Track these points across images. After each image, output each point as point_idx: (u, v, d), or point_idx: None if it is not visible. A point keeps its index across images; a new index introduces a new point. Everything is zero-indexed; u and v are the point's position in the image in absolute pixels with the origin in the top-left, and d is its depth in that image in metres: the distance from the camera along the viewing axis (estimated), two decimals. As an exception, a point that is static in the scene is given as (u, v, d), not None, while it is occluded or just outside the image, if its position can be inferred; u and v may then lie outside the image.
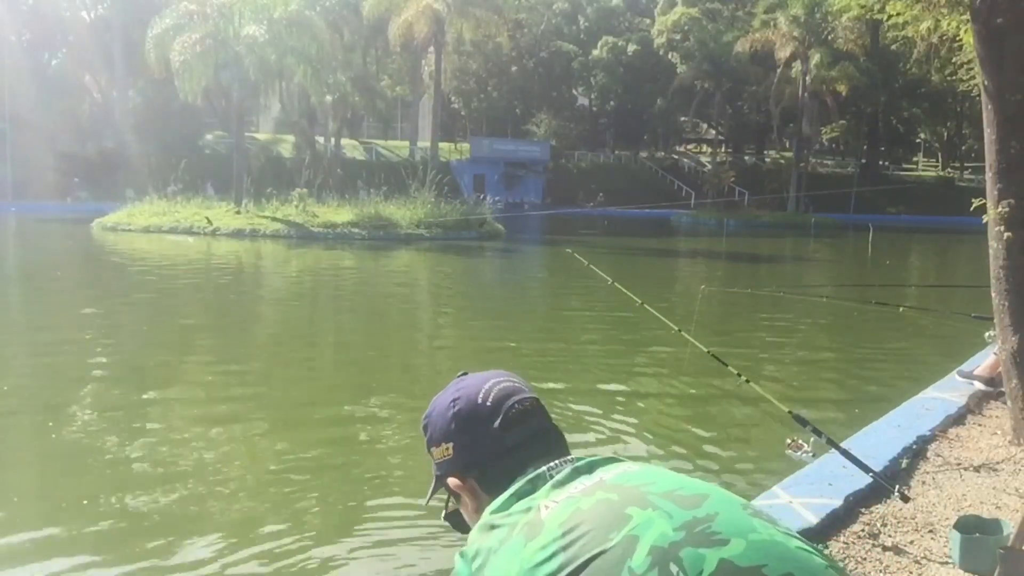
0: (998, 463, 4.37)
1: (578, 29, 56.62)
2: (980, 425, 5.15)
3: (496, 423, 1.15)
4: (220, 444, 5.92)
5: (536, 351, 9.72)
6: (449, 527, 1.26)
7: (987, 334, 5.89)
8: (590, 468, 1.07)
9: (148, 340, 10.02)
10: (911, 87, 48.71)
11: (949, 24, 5.13)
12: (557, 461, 1.10)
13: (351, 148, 48.11)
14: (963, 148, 58.40)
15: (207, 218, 26.37)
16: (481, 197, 35.89)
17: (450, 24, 39.04)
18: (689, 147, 63.86)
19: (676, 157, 58.37)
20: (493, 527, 1.02)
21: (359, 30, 42.03)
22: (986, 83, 4.41)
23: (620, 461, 1.10)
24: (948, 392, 5.74)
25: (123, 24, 41.13)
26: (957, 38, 5.39)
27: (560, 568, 0.91)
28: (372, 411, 6.95)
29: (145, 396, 7.25)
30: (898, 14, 5.18)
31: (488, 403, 1.17)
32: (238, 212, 27.49)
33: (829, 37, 41.91)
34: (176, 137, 39.09)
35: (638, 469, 1.06)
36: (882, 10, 5.32)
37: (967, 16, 4.59)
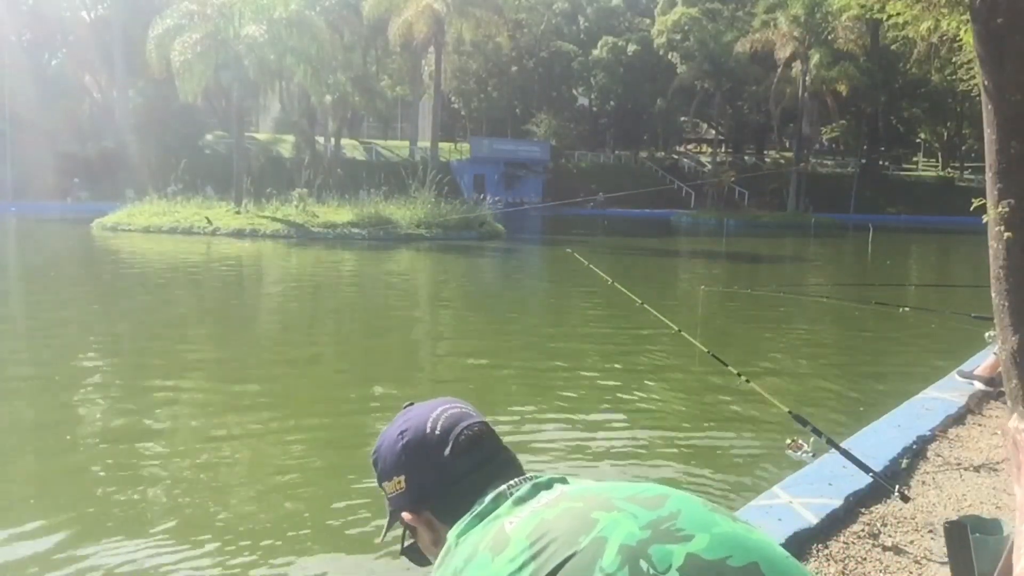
0: (998, 463, 4.37)
1: (578, 29, 56.63)
2: (980, 425, 5.15)
3: (446, 451, 1.13)
4: (219, 446, 5.91)
5: (536, 351, 9.71)
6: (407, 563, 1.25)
7: (987, 334, 5.89)
8: (549, 484, 1.07)
9: (148, 340, 10.02)
10: (911, 87, 48.71)
11: (949, 24, 5.12)
12: (516, 480, 1.09)
13: (351, 148, 48.11)
14: (963, 148, 58.39)
15: (207, 218, 26.37)
16: (481, 197, 35.90)
17: (450, 24, 39.03)
18: (689, 147, 63.88)
19: (676, 157, 58.39)
20: (457, 548, 1.01)
21: (359, 30, 42.01)
22: (986, 83, 4.41)
23: (579, 479, 1.10)
24: (948, 392, 5.74)
25: (123, 24, 41.13)
26: (957, 38, 5.38)
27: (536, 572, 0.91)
28: (373, 413, 6.95)
29: (144, 396, 7.25)
30: (898, 14, 5.17)
31: (436, 431, 1.15)
32: (238, 212, 27.50)
33: (829, 37, 41.89)
34: (176, 137, 39.09)
35: (598, 483, 1.07)
36: (882, 10, 5.32)
37: (967, 16, 4.59)
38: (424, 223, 26.41)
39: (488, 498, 1.07)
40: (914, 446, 4.55)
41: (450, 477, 1.12)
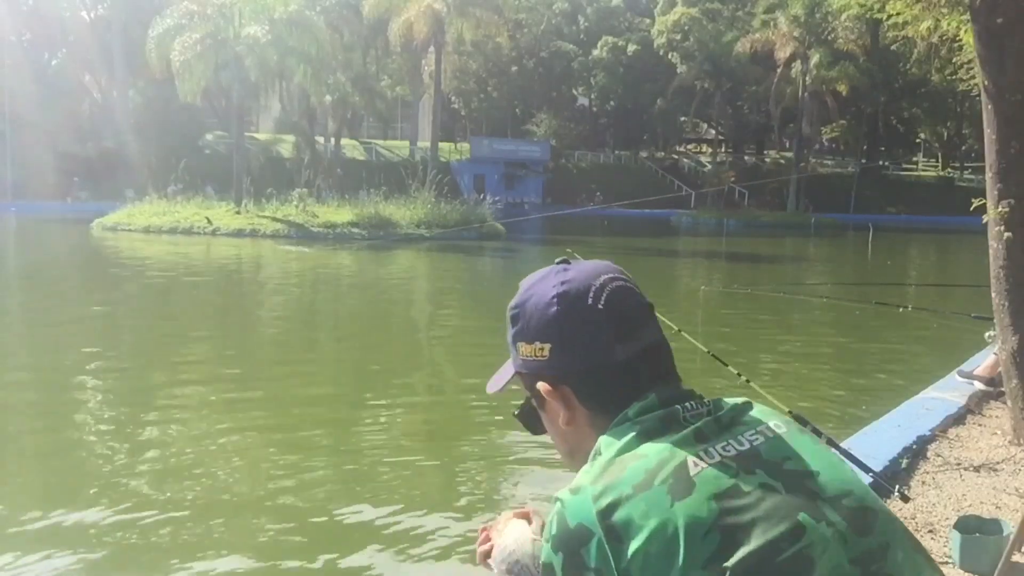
0: (998, 463, 4.36)
1: (578, 29, 56.61)
2: (980, 425, 5.14)
3: (609, 330, 0.98)
4: (219, 447, 5.91)
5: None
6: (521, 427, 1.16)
7: (987, 334, 5.88)
8: (732, 423, 0.95)
9: (147, 340, 10.02)
10: (911, 87, 48.71)
11: (949, 24, 5.12)
12: (690, 403, 0.96)
13: (351, 148, 48.10)
14: (963, 148, 58.39)
15: (207, 218, 26.38)
16: (481, 197, 35.90)
17: (450, 24, 39.02)
18: (689, 147, 63.87)
19: (676, 157, 58.37)
20: (616, 464, 0.88)
21: (359, 30, 42.00)
22: (986, 83, 4.41)
23: (758, 411, 0.98)
24: (948, 392, 5.74)
25: (123, 24, 41.12)
26: (957, 38, 5.38)
27: (717, 552, 0.81)
28: (374, 416, 6.94)
29: (144, 396, 7.25)
30: (898, 14, 5.17)
31: (600, 305, 0.99)
32: (238, 212, 27.50)
33: (829, 37, 41.92)
34: (176, 137, 39.09)
35: (786, 438, 0.94)
36: (882, 9, 5.32)
37: (967, 16, 4.59)
38: (424, 223, 26.41)
39: (650, 407, 0.95)
40: (914, 446, 4.55)
41: (607, 361, 0.98)
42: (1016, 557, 3.02)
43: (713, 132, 59.42)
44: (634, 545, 0.82)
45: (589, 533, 0.84)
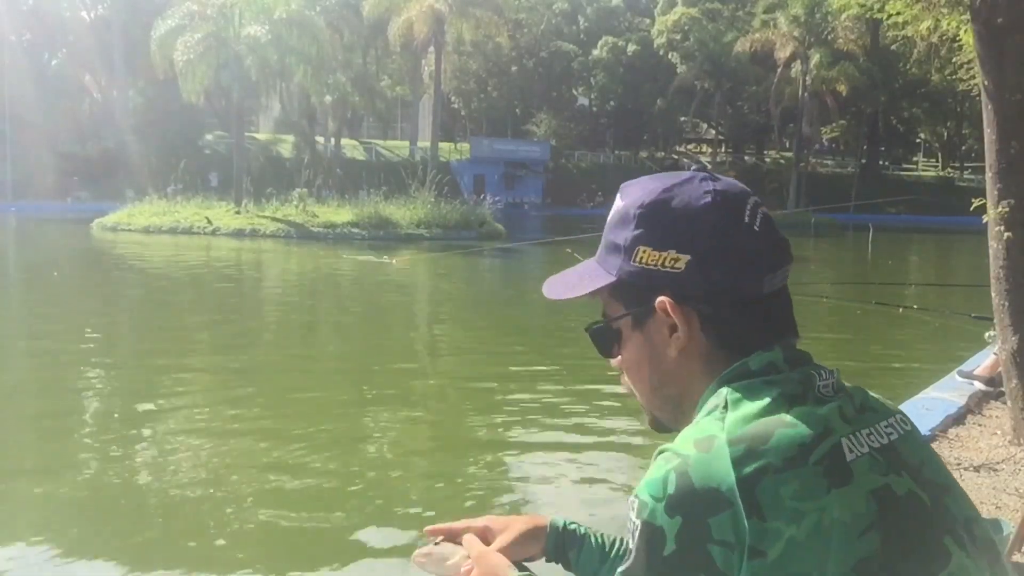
0: (998, 463, 4.36)
1: (578, 29, 56.60)
2: (980, 425, 5.14)
3: (761, 256, 0.85)
4: (219, 449, 5.91)
5: (536, 351, 9.71)
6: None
7: (987, 334, 5.88)
8: (863, 405, 0.84)
9: (147, 340, 10.02)
10: (911, 87, 48.72)
11: (949, 24, 5.12)
12: (822, 370, 0.84)
13: (351, 148, 48.10)
14: (963, 148, 58.41)
15: (207, 218, 26.39)
16: (481, 197, 35.89)
17: (450, 24, 39.05)
18: (689, 147, 63.88)
19: (676, 157, 58.37)
20: (771, 432, 0.75)
21: (359, 30, 42.01)
22: (986, 83, 4.41)
23: (874, 397, 0.89)
24: (948, 392, 5.74)
25: (123, 24, 41.13)
26: (957, 38, 5.38)
27: (873, 556, 0.72)
28: (375, 419, 6.94)
29: (143, 397, 7.24)
30: (898, 13, 5.17)
31: (756, 227, 0.85)
32: (238, 212, 27.51)
33: (829, 37, 41.95)
34: (176, 137, 39.11)
35: (916, 437, 0.86)
36: (882, 9, 5.32)
37: (967, 16, 4.59)
38: (424, 223, 26.42)
39: (776, 363, 0.83)
40: (914, 446, 4.54)
41: (752, 289, 0.85)
42: (1016, 557, 3.02)
43: (713, 132, 59.44)
44: (779, 527, 0.71)
45: (724, 501, 0.72)
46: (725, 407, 0.79)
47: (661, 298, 0.85)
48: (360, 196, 30.42)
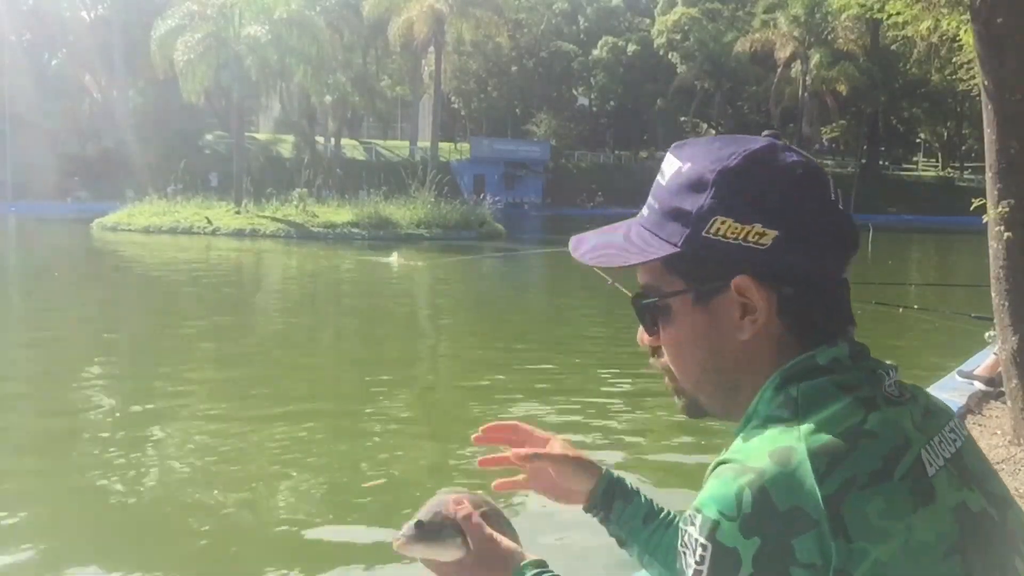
0: (998, 463, 4.36)
1: (578, 29, 56.65)
2: (980, 425, 5.14)
3: (848, 238, 0.80)
4: (219, 449, 5.91)
5: (535, 351, 9.70)
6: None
7: (987, 334, 5.88)
8: (926, 409, 0.79)
9: (146, 340, 10.02)
10: (911, 87, 48.75)
11: (949, 24, 5.13)
12: (887, 368, 0.80)
13: (351, 148, 48.11)
14: (963, 148, 58.42)
15: (207, 218, 26.39)
16: (481, 197, 35.90)
17: (450, 24, 39.06)
18: (689, 147, 63.86)
19: (676, 157, 58.36)
20: (853, 443, 0.69)
21: (359, 30, 42.02)
22: (986, 83, 4.41)
23: (925, 393, 0.82)
24: (948, 392, 5.73)
25: (123, 24, 41.14)
26: (957, 38, 5.39)
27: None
28: (375, 418, 6.94)
29: (143, 397, 7.24)
30: (898, 13, 5.18)
31: (840, 205, 0.80)
32: (238, 212, 27.52)
33: (829, 37, 41.97)
34: (176, 137, 39.13)
35: (974, 443, 0.80)
36: (882, 9, 5.32)
37: (967, 16, 4.59)
38: (424, 223, 26.43)
39: (843, 359, 0.77)
40: (914, 446, 4.54)
41: (835, 272, 0.80)
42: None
43: (713, 132, 59.37)
44: (866, 548, 0.65)
45: (809, 521, 0.65)
46: (795, 412, 0.73)
47: (741, 276, 0.76)
48: (360, 196, 30.43)
